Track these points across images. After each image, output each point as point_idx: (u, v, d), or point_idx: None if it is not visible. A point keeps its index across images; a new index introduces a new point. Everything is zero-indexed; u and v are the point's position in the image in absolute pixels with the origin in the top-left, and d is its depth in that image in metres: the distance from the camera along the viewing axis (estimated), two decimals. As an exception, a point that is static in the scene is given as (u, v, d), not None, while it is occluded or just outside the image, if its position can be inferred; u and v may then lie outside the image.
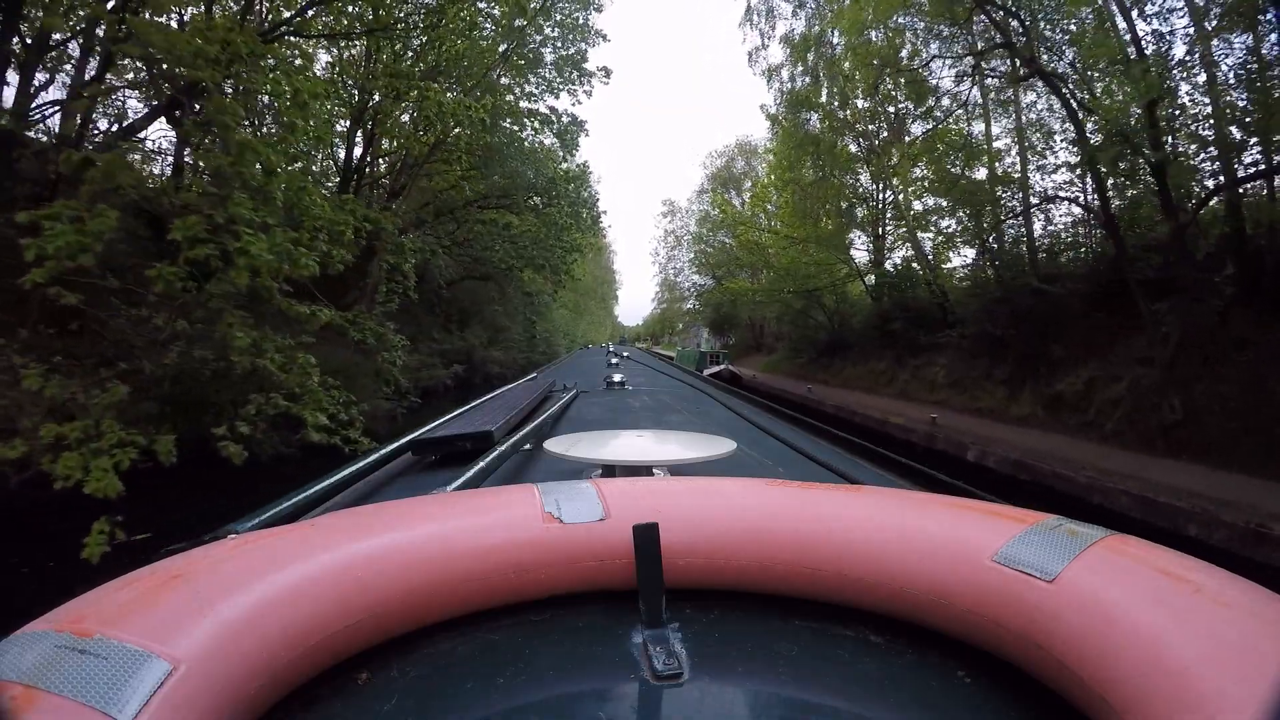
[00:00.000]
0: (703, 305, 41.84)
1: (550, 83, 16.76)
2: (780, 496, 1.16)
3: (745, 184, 39.26)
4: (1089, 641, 0.73)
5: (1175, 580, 0.75)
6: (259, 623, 0.75)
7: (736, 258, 31.44)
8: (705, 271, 41.11)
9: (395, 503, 1.18)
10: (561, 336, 35.91)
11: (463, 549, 0.98)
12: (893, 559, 0.97)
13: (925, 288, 18.24)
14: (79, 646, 0.62)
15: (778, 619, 1.03)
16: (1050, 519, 0.95)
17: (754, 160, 38.84)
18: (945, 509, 1.06)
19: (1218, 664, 0.62)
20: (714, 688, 0.85)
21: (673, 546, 1.01)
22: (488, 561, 0.99)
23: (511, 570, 1.00)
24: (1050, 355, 12.80)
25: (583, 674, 0.90)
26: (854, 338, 21.46)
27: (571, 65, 16.80)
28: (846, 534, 1.03)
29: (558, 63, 16.68)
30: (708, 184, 41.39)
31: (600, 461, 1.79)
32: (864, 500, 1.14)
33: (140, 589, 0.75)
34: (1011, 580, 0.84)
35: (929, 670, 0.90)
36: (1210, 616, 0.68)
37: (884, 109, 19.58)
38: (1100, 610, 0.74)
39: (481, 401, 4.30)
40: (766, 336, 35.56)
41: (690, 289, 43.99)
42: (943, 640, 0.95)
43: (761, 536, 1.05)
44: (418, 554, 0.95)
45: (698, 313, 45.59)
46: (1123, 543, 0.87)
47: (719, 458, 1.81)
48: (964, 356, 15.20)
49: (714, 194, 37.00)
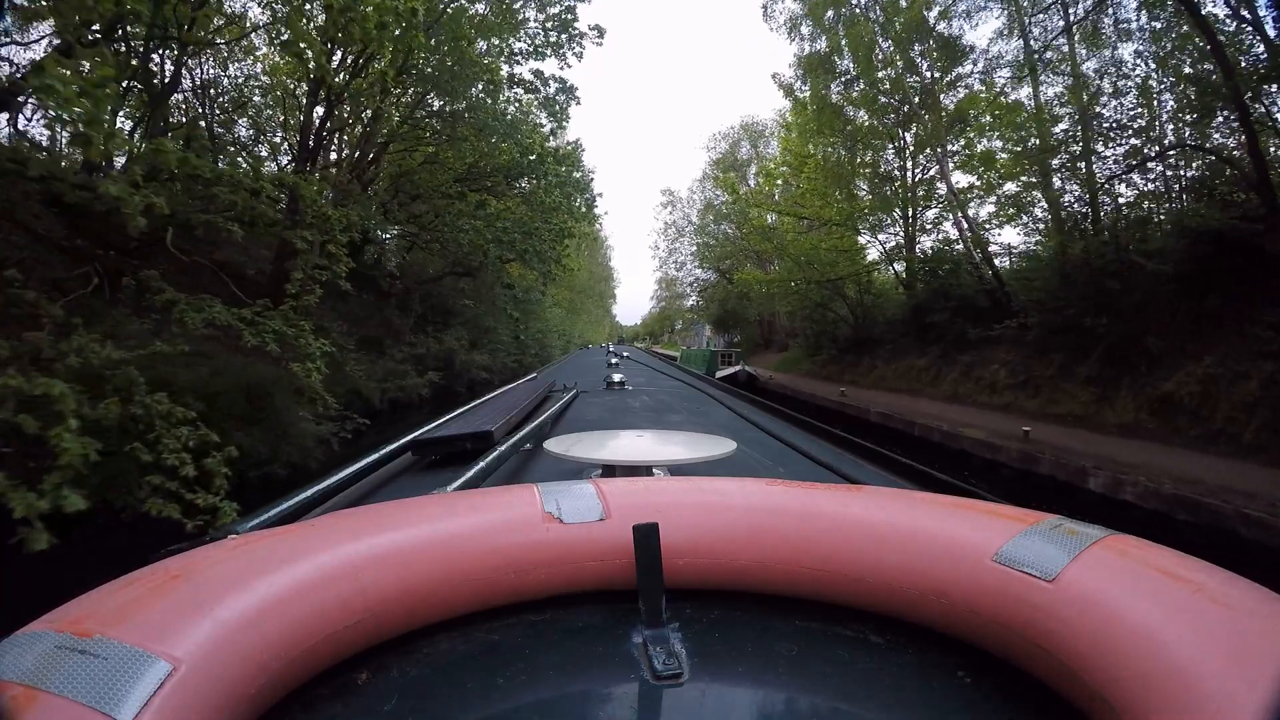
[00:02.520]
0: (707, 301, 39.42)
1: (534, 42, 14.33)
2: (780, 496, 1.15)
3: (751, 169, 36.65)
4: (1089, 641, 0.72)
5: (1176, 580, 0.75)
6: (259, 623, 0.75)
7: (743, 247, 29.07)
8: (708, 265, 38.77)
9: (395, 503, 1.15)
10: (556, 337, 33.03)
11: (463, 549, 0.98)
12: (893, 559, 0.97)
13: (970, 272, 15.88)
14: (78, 647, 0.61)
15: (778, 619, 1.02)
16: (1051, 519, 0.95)
17: (760, 144, 36.28)
18: (945, 509, 1.05)
19: (1218, 664, 0.61)
20: (714, 688, 0.85)
21: (673, 546, 1.00)
22: (488, 561, 0.98)
23: (511, 570, 0.99)
24: (1146, 348, 10.43)
25: (583, 674, 0.89)
26: (882, 332, 19.07)
27: (559, 27, 14.35)
28: (846, 534, 1.02)
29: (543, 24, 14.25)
30: (711, 170, 38.67)
31: (600, 461, 1.76)
32: (864, 500, 1.12)
33: (140, 589, 0.74)
34: (1012, 580, 0.84)
35: (929, 670, 0.89)
36: (1211, 616, 0.67)
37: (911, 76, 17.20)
38: (1101, 610, 0.74)
39: (481, 401, 4.23)
40: (777, 333, 33.11)
41: (693, 284, 41.55)
42: (943, 640, 0.94)
43: (761, 536, 1.05)
44: (418, 554, 0.94)
45: (700, 310, 43.16)
46: (1123, 542, 0.86)
47: (719, 458, 1.79)
48: (1030, 351, 12.86)
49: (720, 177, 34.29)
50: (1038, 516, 0.96)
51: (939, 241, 17.74)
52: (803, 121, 19.72)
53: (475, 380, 18.13)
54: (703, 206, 40.13)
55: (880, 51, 17.49)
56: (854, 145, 18.16)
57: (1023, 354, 12.99)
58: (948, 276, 15.85)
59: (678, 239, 42.45)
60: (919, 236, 18.62)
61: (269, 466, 7.15)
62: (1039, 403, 11.92)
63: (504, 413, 3.14)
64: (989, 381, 13.38)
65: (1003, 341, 13.81)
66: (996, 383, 13.13)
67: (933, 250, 17.25)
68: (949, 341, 15.20)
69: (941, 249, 16.62)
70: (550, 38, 14.23)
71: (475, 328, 19.48)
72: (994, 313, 14.89)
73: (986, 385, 13.38)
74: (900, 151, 18.59)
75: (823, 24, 18.48)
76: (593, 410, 4.31)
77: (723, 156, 38.15)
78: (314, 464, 7.71)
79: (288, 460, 7.09)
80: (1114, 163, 12.01)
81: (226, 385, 6.68)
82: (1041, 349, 12.40)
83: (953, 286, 15.39)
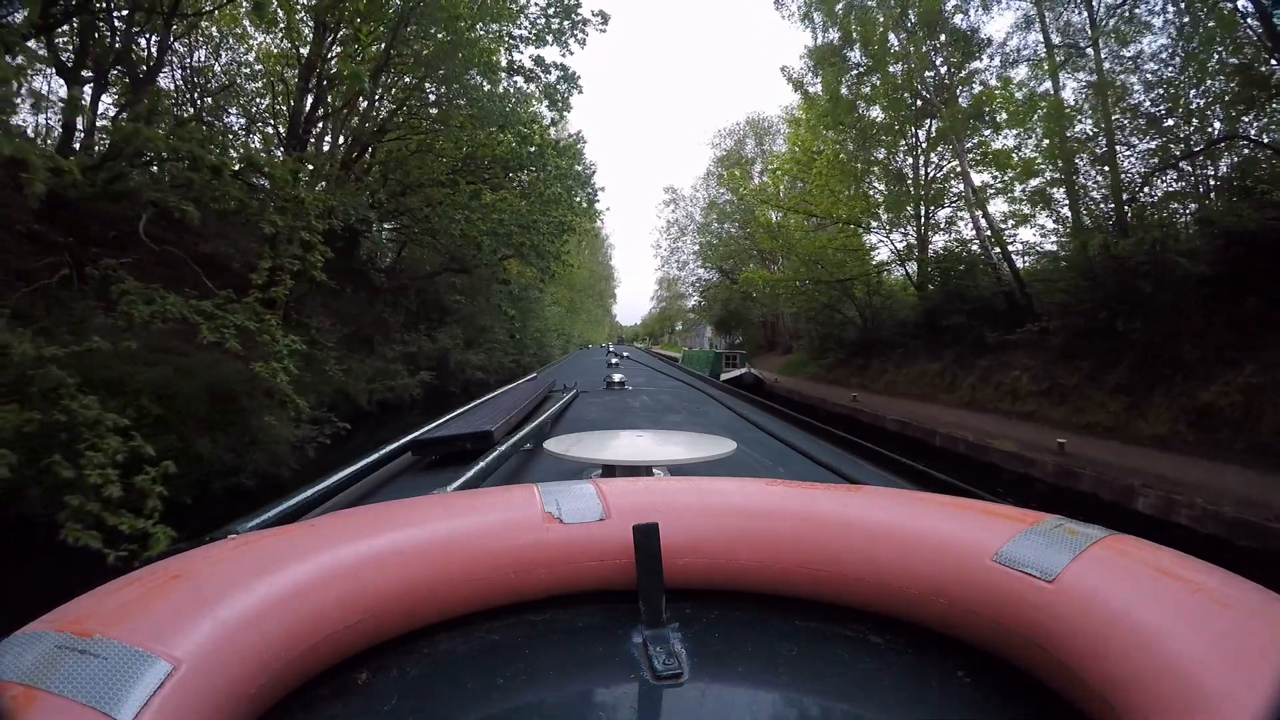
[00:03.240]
0: (709, 302, 38.72)
1: (535, 28, 13.68)
2: (780, 496, 1.14)
3: (756, 167, 35.86)
4: (1089, 642, 0.72)
5: (1176, 580, 0.75)
6: (259, 623, 0.74)
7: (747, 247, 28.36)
8: (711, 265, 38.09)
9: (395, 503, 1.15)
10: (555, 336, 32.18)
11: (463, 549, 0.97)
12: (893, 559, 0.96)
13: (988, 273, 15.24)
14: (79, 646, 0.61)
15: (778, 619, 1.01)
16: (1050, 519, 0.94)
17: (767, 141, 35.51)
18: (945, 509, 1.05)
19: (1218, 664, 0.61)
20: (714, 688, 0.84)
21: (673, 546, 1.00)
22: (488, 561, 0.98)
23: (511, 570, 0.99)
24: (1179, 354, 9.83)
25: (583, 674, 0.88)
26: (892, 335, 18.42)
27: (562, 13, 13.71)
28: (847, 534, 1.02)
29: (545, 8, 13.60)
30: (715, 167, 37.85)
31: (600, 461, 1.75)
32: (864, 500, 1.12)
33: (140, 589, 0.74)
34: (1012, 580, 0.84)
35: (929, 670, 0.89)
36: (1211, 616, 0.67)
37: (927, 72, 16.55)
38: (1100, 610, 0.73)
39: (481, 401, 4.20)
40: (780, 334, 32.42)
41: (695, 283, 40.81)
42: (943, 640, 0.93)
43: (761, 536, 1.04)
44: (418, 554, 0.94)
45: (702, 310, 42.47)
46: (1123, 543, 0.86)
47: (719, 458, 1.79)
48: (1053, 357, 12.24)
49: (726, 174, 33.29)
50: (1038, 516, 0.96)
51: (953, 241, 17.08)
52: (814, 115, 19.01)
53: (470, 380, 17.48)
54: (706, 204, 39.39)
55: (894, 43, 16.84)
56: (866, 141, 17.49)
57: (1045, 359, 12.35)
58: (963, 277, 15.18)
59: (680, 237, 41.73)
60: (931, 236, 17.96)
61: (236, 477, 6.47)
62: (1065, 411, 11.27)
63: (504, 413, 3.14)
64: (1009, 388, 12.72)
65: (1021, 346, 13.19)
66: (1018, 389, 12.47)
67: (946, 250, 16.58)
68: (965, 345, 14.55)
69: (957, 249, 15.94)
70: (553, 24, 13.58)
71: (471, 326, 18.77)
72: (1012, 315, 14.27)
73: (1007, 392, 12.73)
74: (913, 149, 17.94)
75: (834, 14, 17.83)
76: (593, 410, 4.29)
77: (728, 154, 37.28)
78: (286, 472, 7.03)
79: (256, 469, 6.40)
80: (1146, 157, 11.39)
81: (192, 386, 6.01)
82: (1066, 354, 11.75)
83: (969, 288, 14.73)
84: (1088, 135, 12.16)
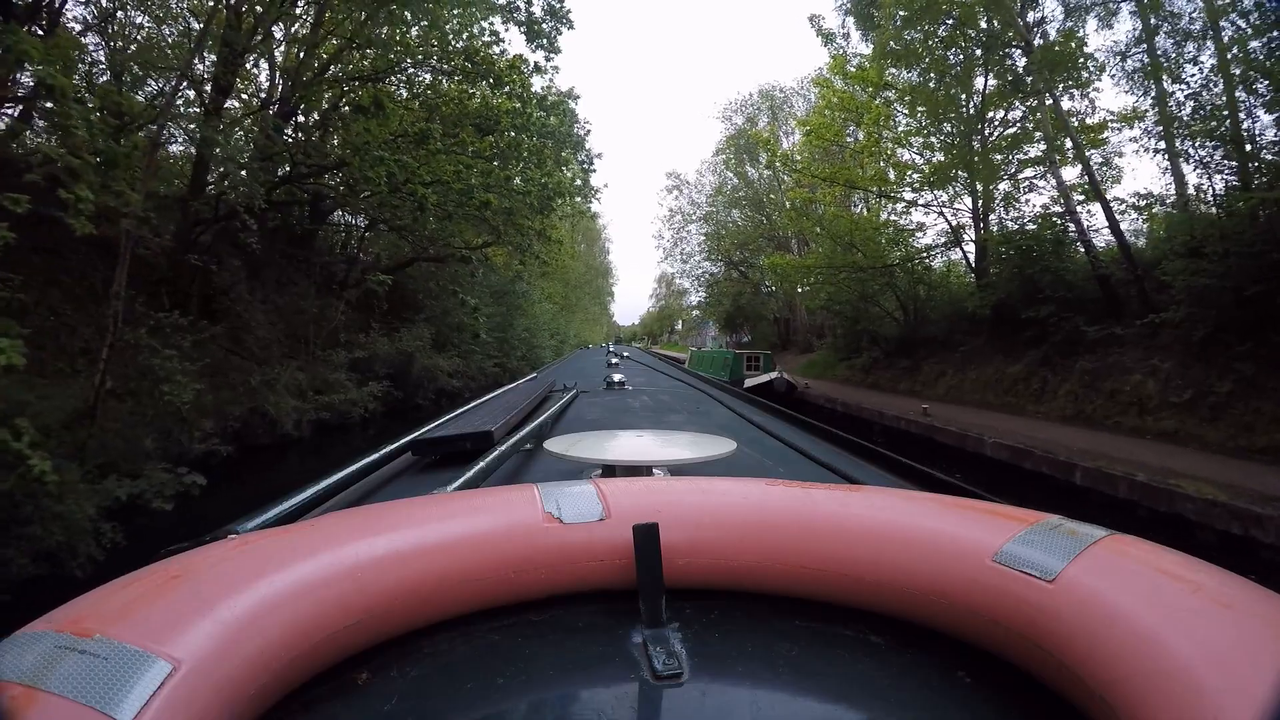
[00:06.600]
0: (717, 297, 35.70)
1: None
2: (780, 496, 1.14)
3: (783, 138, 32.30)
4: (1089, 641, 0.71)
5: (1175, 580, 0.74)
6: (259, 623, 0.74)
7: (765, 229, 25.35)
8: (718, 257, 35.11)
9: (395, 503, 1.15)
10: (548, 336, 28.79)
11: (463, 549, 0.97)
12: (893, 559, 0.96)
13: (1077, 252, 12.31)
14: (79, 647, 0.61)
15: (778, 619, 1.01)
16: (1051, 519, 0.93)
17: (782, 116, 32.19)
18: (945, 509, 1.05)
19: (1218, 663, 0.60)
20: (714, 688, 0.84)
21: (673, 546, 1.00)
22: (488, 561, 0.97)
23: (511, 570, 0.98)
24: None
25: (583, 674, 0.88)
26: (946, 331, 15.46)
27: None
28: (846, 534, 1.01)
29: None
30: (725, 145, 34.52)
31: (600, 461, 1.76)
32: (864, 500, 1.12)
33: (140, 589, 0.74)
34: (1012, 580, 0.83)
35: (929, 670, 0.88)
36: (1210, 616, 0.67)
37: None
38: (1100, 610, 0.73)
39: (481, 401, 4.20)
40: (797, 331, 29.40)
41: (700, 277, 37.76)
42: (943, 640, 0.93)
43: (761, 536, 1.04)
44: (418, 554, 0.93)
45: (707, 306, 39.46)
46: (1123, 543, 0.85)
47: (719, 458, 1.79)
48: (1190, 356, 9.34)
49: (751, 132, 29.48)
50: (1038, 516, 0.95)
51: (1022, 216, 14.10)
52: (875, 55, 15.60)
53: (442, 390, 14.49)
54: (712, 191, 36.27)
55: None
56: (941, 79, 14.17)
57: (1180, 360, 9.44)
58: (1047, 258, 12.21)
59: (685, 226, 38.59)
60: (995, 209, 14.99)
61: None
62: (1225, 430, 8.35)
63: (504, 413, 3.13)
64: (1131, 397, 9.79)
65: (1129, 343, 10.33)
66: (1144, 399, 9.56)
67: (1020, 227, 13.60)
68: (1054, 343, 11.61)
69: (1040, 221, 12.90)
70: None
71: (446, 325, 15.79)
72: (1109, 305, 11.36)
73: (1128, 403, 9.80)
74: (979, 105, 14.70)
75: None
76: (593, 410, 4.27)
77: (739, 131, 33.78)
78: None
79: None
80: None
81: None
82: (1207, 353, 8.87)
83: (1061, 270, 11.74)
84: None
